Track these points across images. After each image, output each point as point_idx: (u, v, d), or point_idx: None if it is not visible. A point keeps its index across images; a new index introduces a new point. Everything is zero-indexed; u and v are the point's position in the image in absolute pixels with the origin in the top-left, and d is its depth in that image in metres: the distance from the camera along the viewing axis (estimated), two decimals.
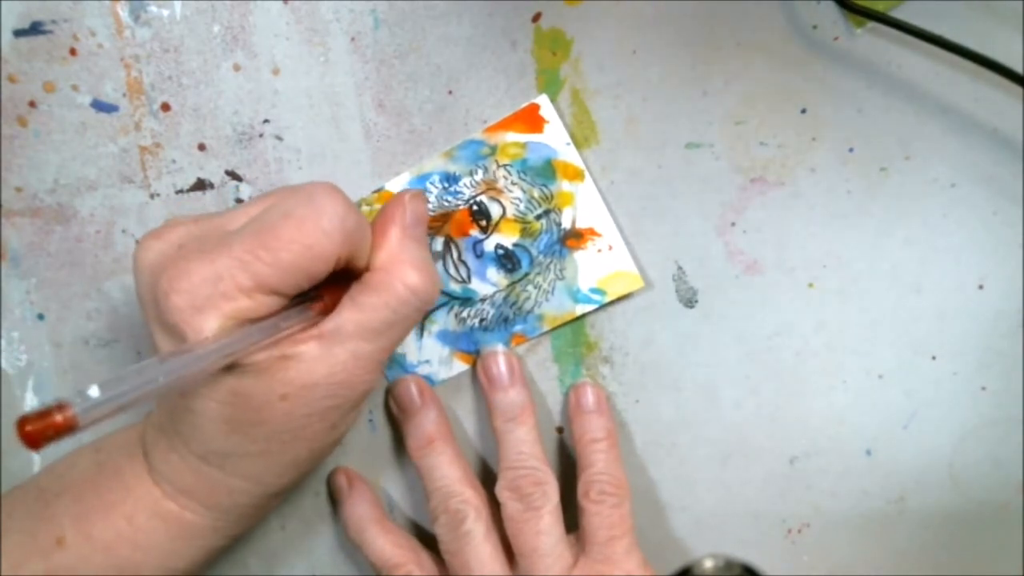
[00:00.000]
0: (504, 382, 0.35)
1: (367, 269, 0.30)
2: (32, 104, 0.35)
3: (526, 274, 0.36)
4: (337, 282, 0.29)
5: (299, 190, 0.28)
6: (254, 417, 0.28)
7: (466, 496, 0.34)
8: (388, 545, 0.36)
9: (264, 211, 0.28)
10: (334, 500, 0.38)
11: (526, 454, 0.35)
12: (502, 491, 0.35)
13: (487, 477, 0.37)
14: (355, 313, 0.29)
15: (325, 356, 0.28)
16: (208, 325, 0.26)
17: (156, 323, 0.28)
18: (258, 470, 0.30)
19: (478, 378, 0.36)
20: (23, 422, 0.20)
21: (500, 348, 0.36)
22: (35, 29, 0.34)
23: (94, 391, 0.22)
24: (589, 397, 0.36)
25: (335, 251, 0.27)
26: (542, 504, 0.34)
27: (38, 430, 0.20)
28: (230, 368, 0.27)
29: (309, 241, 0.27)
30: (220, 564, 0.38)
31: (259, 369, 0.27)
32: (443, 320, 0.37)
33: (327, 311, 0.29)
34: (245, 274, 0.26)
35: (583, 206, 0.35)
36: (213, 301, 0.26)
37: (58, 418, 0.20)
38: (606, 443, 0.35)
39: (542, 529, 0.34)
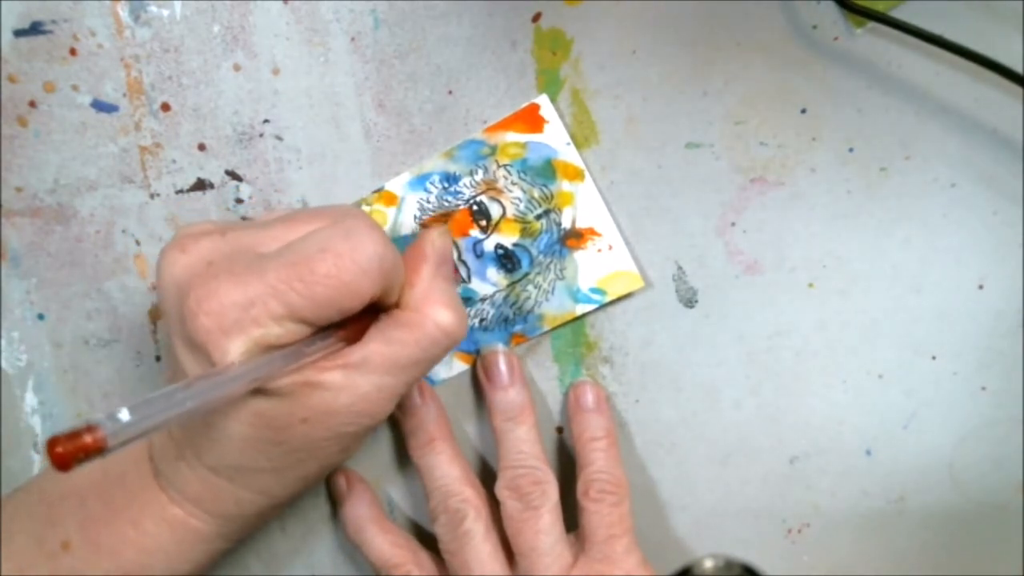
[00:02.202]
0: (504, 381, 0.35)
1: (397, 305, 0.30)
2: (32, 104, 0.35)
3: (526, 274, 0.36)
4: (361, 312, 0.29)
5: (338, 222, 0.28)
6: (273, 437, 0.28)
7: (466, 495, 0.34)
8: (387, 545, 0.36)
9: (300, 240, 0.28)
10: (334, 501, 0.38)
11: (526, 453, 0.35)
12: (501, 490, 0.35)
13: (487, 477, 0.37)
14: (384, 346, 0.29)
15: (349, 386, 0.28)
16: (235, 349, 0.26)
17: (180, 339, 0.28)
18: (268, 484, 0.30)
19: (478, 377, 0.37)
20: (53, 443, 0.20)
21: (500, 348, 0.36)
22: (35, 29, 0.34)
23: (124, 414, 0.22)
24: (588, 396, 0.36)
25: (371, 290, 0.27)
26: (541, 503, 0.34)
27: (68, 451, 0.20)
28: (255, 392, 0.27)
29: (346, 278, 0.27)
30: (220, 564, 0.38)
31: (283, 393, 0.27)
32: None
33: (349, 340, 0.29)
34: (278, 303, 0.26)
35: (583, 206, 0.35)
36: (242, 326, 0.26)
37: (88, 440, 0.20)
38: (605, 442, 0.35)
39: (541, 528, 0.34)
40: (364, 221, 0.28)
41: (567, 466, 0.38)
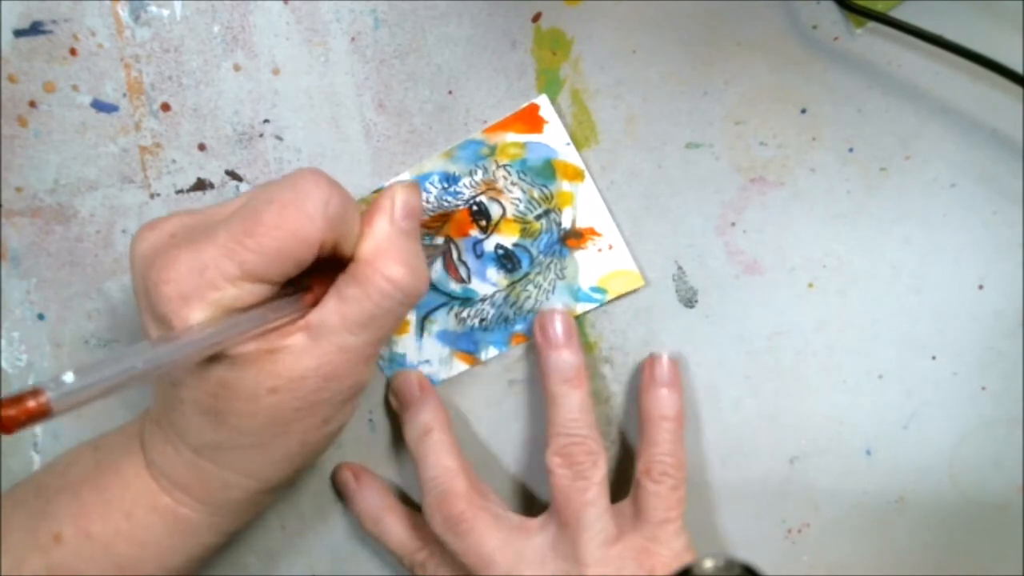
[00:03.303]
0: (560, 340, 0.35)
1: (353, 259, 0.30)
2: (32, 104, 0.35)
3: (526, 274, 0.36)
4: (329, 272, 0.29)
5: (286, 177, 0.28)
6: (243, 409, 0.28)
7: (460, 489, 0.34)
8: (407, 530, 0.35)
9: (249, 199, 0.28)
10: (342, 497, 0.38)
11: (580, 421, 0.34)
12: (552, 456, 0.34)
13: (487, 477, 0.37)
14: (339, 305, 0.28)
15: (312, 349, 0.28)
16: (195, 315, 0.26)
17: (147, 313, 0.28)
18: (250, 464, 0.30)
19: (534, 338, 0.36)
20: None
21: (558, 307, 0.36)
22: (35, 29, 0.34)
23: (68, 377, 0.21)
24: (664, 369, 0.35)
25: (319, 236, 0.27)
26: (592, 475, 0.33)
27: (11, 416, 0.20)
28: (218, 359, 0.27)
29: (292, 226, 0.27)
30: (219, 563, 0.38)
31: (247, 361, 0.27)
32: (443, 320, 0.37)
33: (318, 302, 0.29)
34: (230, 262, 0.26)
35: (583, 206, 0.35)
36: (200, 291, 0.26)
37: (31, 404, 0.20)
38: (675, 423, 0.35)
39: (589, 500, 0.33)
40: (311, 173, 0.28)
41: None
